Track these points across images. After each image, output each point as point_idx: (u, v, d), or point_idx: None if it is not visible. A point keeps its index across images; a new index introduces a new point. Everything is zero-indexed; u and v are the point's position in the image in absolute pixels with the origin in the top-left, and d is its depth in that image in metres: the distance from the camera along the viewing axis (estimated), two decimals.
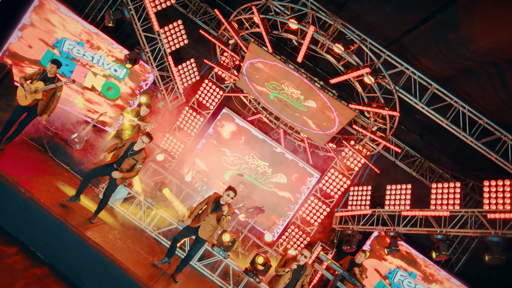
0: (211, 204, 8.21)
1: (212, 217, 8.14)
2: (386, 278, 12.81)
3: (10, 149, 9.04)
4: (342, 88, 12.72)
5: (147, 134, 8.37)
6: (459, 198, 11.14)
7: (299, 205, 14.40)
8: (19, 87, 8.73)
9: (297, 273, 8.06)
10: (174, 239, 8.42)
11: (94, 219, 8.42)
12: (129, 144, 8.41)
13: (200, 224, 8.16)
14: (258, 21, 10.30)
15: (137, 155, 8.37)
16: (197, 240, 8.30)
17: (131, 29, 13.20)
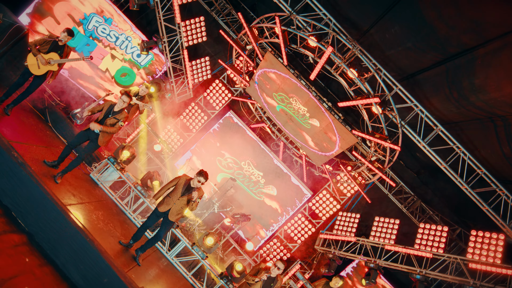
0: (181, 187, 8.11)
1: (182, 200, 8.07)
2: None
3: (13, 112, 9.05)
4: (349, 113, 12.73)
5: (126, 94, 8.33)
6: (444, 242, 11.11)
7: (285, 220, 14.38)
8: (29, 54, 8.71)
9: (268, 285, 8.04)
10: (143, 224, 8.40)
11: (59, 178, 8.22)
12: (108, 107, 8.35)
13: (171, 208, 8.10)
14: (278, 32, 10.34)
15: (118, 115, 8.34)
16: (165, 222, 8.25)
17: (153, 17, 13.21)
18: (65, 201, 7.55)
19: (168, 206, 8.10)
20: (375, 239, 12.28)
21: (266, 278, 7.95)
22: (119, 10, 12.94)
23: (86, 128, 8.41)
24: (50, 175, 8.10)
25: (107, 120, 8.32)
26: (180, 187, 8.12)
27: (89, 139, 8.48)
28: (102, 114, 8.36)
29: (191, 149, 14.63)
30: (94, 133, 8.36)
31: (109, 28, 12.69)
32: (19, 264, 5.91)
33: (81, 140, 8.56)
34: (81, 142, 8.63)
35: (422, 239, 11.38)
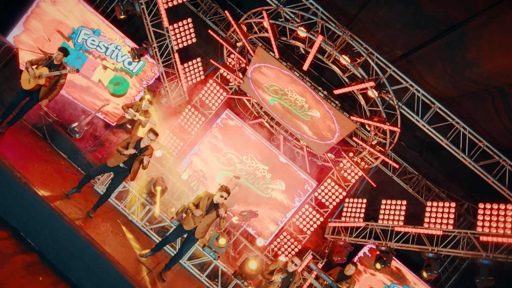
0: (205, 205, 8.14)
1: (207, 217, 8.11)
2: None
3: (10, 133, 9.07)
4: (345, 100, 12.73)
5: (153, 131, 8.29)
6: (453, 218, 11.12)
7: (293, 212, 14.38)
8: (24, 70, 8.76)
9: (287, 281, 8.06)
10: (165, 238, 8.43)
11: (93, 213, 8.47)
12: (135, 142, 8.32)
13: (197, 226, 8.12)
14: (267, 26, 10.32)
15: (147, 151, 8.36)
16: (189, 239, 8.29)
17: (140, 23, 13.20)
18: (72, 216, 7.56)
19: (194, 224, 8.12)
20: (384, 222, 12.31)
21: (285, 276, 7.98)
22: (106, 20, 12.91)
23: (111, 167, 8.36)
24: (58, 192, 8.11)
25: (135, 160, 8.32)
26: (204, 206, 8.13)
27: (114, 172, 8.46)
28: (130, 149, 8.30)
29: (191, 153, 14.59)
30: (121, 170, 8.37)
31: (98, 39, 12.67)
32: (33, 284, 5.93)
33: (102, 172, 8.71)
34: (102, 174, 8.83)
35: (430, 217, 11.39)
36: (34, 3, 11.88)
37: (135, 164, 8.30)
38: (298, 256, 8.16)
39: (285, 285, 8.05)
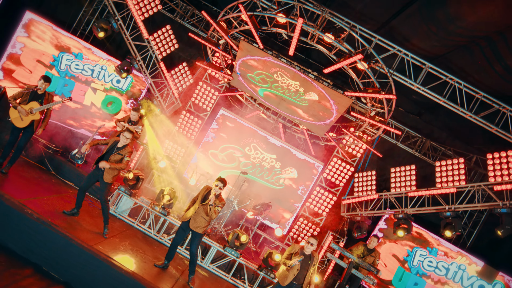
0: (201, 196, 8.24)
1: (201, 208, 8.16)
2: (405, 263, 12.80)
3: (13, 171, 9.10)
4: (337, 77, 12.71)
5: (128, 130, 8.45)
6: (464, 174, 11.13)
7: (305, 197, 14.39)
8: (10, 108, 8.74)
9: (306, 263, 8.03)
10: (173, 241, 8.47)
11: (107, 233, 8.53)
12: (112, 143, 8.48)
13: (193, 217, 8.17)
14: (246, 19, 10.29)
15: (122, 150, 8.45)
16: (193, 235, 8.34)
17: (120, 39, 13.18)
18: (90, 241, 7.59)
19: (190, 213, 8.21)
20: (396, 190, 12.33)
21: (302, 258, 7.95)
22: (86, 42, 12.90)
23: (93, 169, 8.48)
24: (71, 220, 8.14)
25: (111, 157, 8.40)
26: (200, 197, 8.25)
27: (98, 179, 8.55)
28: (105, 148, 8.48)
29: (194, 157, 14.59)
30: (101, 172, 8.43)
31: (82, 62, 12.66)
32: None
33: (91, 181, 8.65)
34: (92, 184, 8.73)
35: (441, 177, 11.40)
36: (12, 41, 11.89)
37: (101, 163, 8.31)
38: (313, 236, 8.15)
39: (304, 267, 8.01)
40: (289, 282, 7.92)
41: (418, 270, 12.61)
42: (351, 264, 10.92)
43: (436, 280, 12.41)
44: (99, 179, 8.50)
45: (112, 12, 11.92)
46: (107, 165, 8.27)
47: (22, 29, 12.03)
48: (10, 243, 7.03)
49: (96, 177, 8.53)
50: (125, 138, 8.39)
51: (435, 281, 12.41)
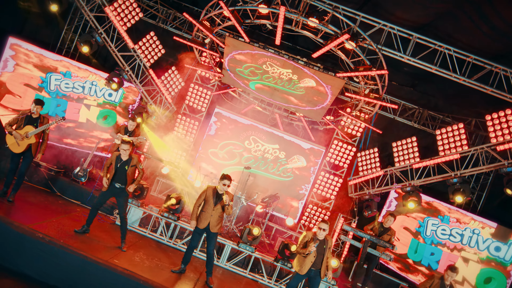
0: (212, 198, 8.21)
1: (217, 209, 8.19)
2: (418, 234, 12.82)
3: (19, 198, 9.10)
4: (326, 60, 12.69)
5: (122, 141, 8.42)
6: (465, 138, 11.14)
7: (311, 183, 14.41)
8: (7, 135, 8.74)
9: (321, 249, 8.07)
10: (189, 246, 8.50)
11: (125, 246, 8.57)
12: (115, 158, 8.46)
13: (209, 221, 8.19)
14: (228, 15, 10.27)
15: (131, 162, 8.49)
16: (210, 237, 8.36)
17: (107, 52, 13.14)
18: (105, 256, 7.61)
19: (206, 220, 8.19)
20: (400, 163, 12.34)
21: (317, 245, 7.98)
22: (73, 60, 12.87)
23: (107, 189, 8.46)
24: (83, 238, 8.16)
25: (122, 173, 8.43)
26: (210, 199, 8.22)
27: (114, 195, 8.57)
28: (112, 167, 8.43)
29: (196, 159, 14.59)
30: (118, 190, 8.48)
31: (71, 81, 12.62)
32: None
33: (105, 199, 8.67)
34: (106, 201, 8.77)
35: (444, 144, 11.41)
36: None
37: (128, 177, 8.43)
38: (324, 221, 8.18)
39: (320, 253, 8.06)
40: (308, 269, 7.97)
41: (433, 239, 12.63)
42: (366, 243, 10.96)
43: (452, 248, 12.44)
44: (119, 196, 8.56)
45: (94, 26, 11.89)
46: (134, 186, 8.50)
47: (6, 55, 11.99)
48: (26, 269, 7.06)
49: (111, 195, 8.56)
50: (124, 150, 8.37)
51: (451, 249, 12.44)
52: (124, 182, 8.44)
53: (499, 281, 11.85)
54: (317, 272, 8.09)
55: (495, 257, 12.06)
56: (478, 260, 12.17)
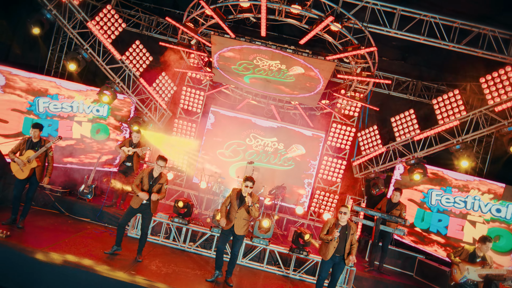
0: (235, 201, 8.31)
1: (241, 211, 8.26)
2: (423, 204, 12.85)
3: (28, 223, 9.12)
4: (314, 45, 12.64)
5: (161, 158, 8.50)
6: (462, 104, 11.14)
7: (316, 169, 14.43)
8: (11, 163, 8.76)
9: (343, 234, 8.13)
10: (217, 249, 8.50)
11: (141, 257, 8.63)
12: (147, 175, 8.53)
13: (234, 223, 8.26)
14: (210, 13, 10.25)
15: (161, 180, 8.57)
16: (236, 238, 8.41)
17: (95, 67, 13.10)
18: (122, 269, 7.64)
19: (231, 222, 8.28)
20: (401, 137, 12.33)
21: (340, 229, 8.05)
22: (61, 79, 12.85)
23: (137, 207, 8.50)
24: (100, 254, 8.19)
25: (153, 188, 8.47)
26: (234, 201, 8.33)
27: (141, 211, 8.62)
28: (145, 183, 8.47)
29: (198, 160, 14.60)
30: (145, 206, 8.50)
31: (59, 102, 12.54)
32: None
33: (131, 216, 8.73)
34: (131, 218, 8.81)
35: (442, 113, 11.41)
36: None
37: (153, 196, 8.39)
38: (344, 205, 8.24)
39: (343, 238, 8.12)
40: (331, 255, 8.09)
41: (438, 207, 12.66)
42: (378, 221, 11.02)
43: (458, 213, 12.46)
44: (144, 213, 8.60)
45: (79, 43, 11.85)
46: (158, 196, 8.45)
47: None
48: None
49: (137, 211, 8.61)
50: (159, 166, 8.46)
51: (457, 214, 12.46)
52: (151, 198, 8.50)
53: (507, 238, 11.92)
54: (341, 258, 8.21)
55: (498, 217, 12.11)
56: (484, 222, 12.21)
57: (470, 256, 8.34)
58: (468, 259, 8.33)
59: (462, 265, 8.26)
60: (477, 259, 8.29)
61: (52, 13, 11.24)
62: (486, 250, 8.27)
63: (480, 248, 8.30)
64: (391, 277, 11.10)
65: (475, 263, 8.22)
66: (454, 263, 8.40)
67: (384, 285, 10.65)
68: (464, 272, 8.19)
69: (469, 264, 8.24)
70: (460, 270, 8.27)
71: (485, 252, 8.30)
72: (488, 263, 8.22)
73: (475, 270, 8.14)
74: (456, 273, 8.29)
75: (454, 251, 8.63)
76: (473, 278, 8.14)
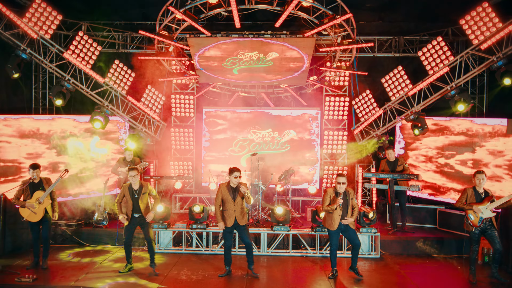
0: (228, 195, 8.33)
1: (238, 202, 8.33)
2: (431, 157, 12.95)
3: (52, 262, 9.16)
4: (290, 25, 12.54)
5: (129, 169, 8.55)
6: (448, 50, 11.14)
7: (318, 146, 14.45)
8: (20, 209, 8.72)
9: (344, 202, 8.24)
10: (225, 247, 8.63)
11: (156, 268, 8.66)
12: (127, 190, 8.53)
13: (235, 216, 8.32)
14: (181, 16, 10.24)
15: (143, 189, 8.56)
16: (241, 230, 8.51)
17: (81, 95, 13.04)
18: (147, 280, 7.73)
19: (232, 217, 8.32)
20: (396, 96, 12.34)
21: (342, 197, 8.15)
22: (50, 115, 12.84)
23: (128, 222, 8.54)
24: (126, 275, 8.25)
25: (138, 202, 8.49)
26: (227, 196, 8.33)
27: (138, 224, 8.65)
28: (128, 199, 8.50)
29: (202, 162, 14.65)
30: (138, 218, 8.53)
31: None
32: None
33: (132, 232, 8.74)
34: (133, 234, 8.81)
35: (430, 63, 11.42)
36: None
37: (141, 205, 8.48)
38: (340, 175, 8.31)
39: (345, 205, 8.26)
40: (338, 223, 8.29)
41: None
42: (391, 182, 11.04)
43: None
44: (142, 225, 8.63)
45: (60, 75, 11.82)
46: (152, 214, 8.56)
47: None
48: None
49: (135, 226, 8.65)
50: (132, 177, 8.45)
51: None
52: (141, 210, 8.51)
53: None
54: (347, 224, 8.28)
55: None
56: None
57: (475, 197, 8.37)
58: (475, 200, 8.35)
59: (475, 207, 8.27)
60: (482, 195, 8.35)
61: (27, 52, 11.17)
62: (483, 182, 8.31)
63: (479, 183, 8.35)
64: (415, 233, 11.13)
65: (483, 201, 8.26)
66: (466, 209, 8.40)
67: (411, 243, 10.68)
68: (479, 213, 8.21)
69: (479, 204, 8.26)
70: (474, 213, 8.29)
71: (483, 185, 8.35)
72: (493, 196, 8.29)
73: (487, 207, 8.17)
74: (473, 218, 8.30)
75: (459, 199, 8.60)
76: (487, 215, 8.17)
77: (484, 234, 8.33)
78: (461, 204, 8.49)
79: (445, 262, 9.98)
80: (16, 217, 9.45)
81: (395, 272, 9.14)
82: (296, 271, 9.18)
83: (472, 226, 8.33)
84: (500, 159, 11.60)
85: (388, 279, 8.64)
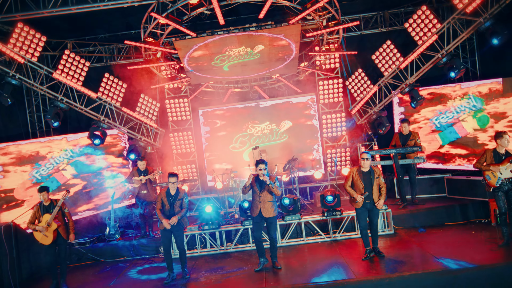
0: (255, 186, 8.38)
1: (264, 194, 8.34)
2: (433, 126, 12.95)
3: (70, 282, 9.16)
4: (274, 15, 12.51)
5: (171, 174, 8.64)
6: (434, 17, 11.11)
7: (318, 131, 14.45)
8: (33, 233, 8.76)
9: (368, 181, 8.21)
10: (254, 238, 8.68)
11: (187, 274, 8.74)
12: (165, 195, 8.64)
13: (260, 208, 8.34)
14: (165, 21, 10.21)
15: (179, 195, 8.67)
16: (268, 223, 8.50)
17: (76, 112, 13.03)
18: None
19: (257, 208, 8.40)
20: (388, 71, 12.34)
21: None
22: (47, 137, 12.83)
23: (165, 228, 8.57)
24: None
25: (175, 205, 8.60)
26: (254, 186, 8.42)
27: (172, 232, 8.69)
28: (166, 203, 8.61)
29: (206, 164, 14.67)
30: (173, 226, 8.55)
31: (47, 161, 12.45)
32: None
33: (170, 239, 8.86)
34: (171, 240, 8.96)
35: (418, 33, 11.42)
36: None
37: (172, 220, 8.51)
38: (364, 152, 8.35)
39: (369, 184, 8.22)
40: (363, 202, 8.27)
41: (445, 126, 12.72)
42: (396, 157, 11.06)
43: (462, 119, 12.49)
44: (176, 230, 8.66)
45: (52, 96, 11.80)
46: (176, 218, 8.51)
47: None
48: None
49: (170, 233, 8.69)
50: (172, 184, 8.60)
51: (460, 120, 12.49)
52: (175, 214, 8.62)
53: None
54: (372, 203, 8.36)
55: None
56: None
57: (495, 157, 8.33)
58: (494, 161, 8.32)
59: (494, 168, 8.25)
60: (502, 157, 8.29)
61: (16, 78, 11.15)
62: (506, 144, 8.25)
63: (501, 144, 8.28)
64: (426, 205, 11.15)
65: (503, 162, 8.22)
66: (484, 169, 8.37)
67: (423, 215, 10.71)
68: (498, 174, 8.20)
69: (498, 165, 8.24)
70: (492, 174, 8.27)
71: (506, 147, 8.28)
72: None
73: (506, 167, 8.14)
74: (491, 179, 8.28)
75: (479, 159, 8.57)
76: (507, 176, 8.14)
77: (507, 194, 8.30)
78: (480, 164, 8.47)
79: (457, 229, 10.01)
80: (29, 242, 9.49)
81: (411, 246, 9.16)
82: (313, 257, 9.20)
83: (489, 186, 8.33)
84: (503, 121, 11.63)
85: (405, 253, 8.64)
